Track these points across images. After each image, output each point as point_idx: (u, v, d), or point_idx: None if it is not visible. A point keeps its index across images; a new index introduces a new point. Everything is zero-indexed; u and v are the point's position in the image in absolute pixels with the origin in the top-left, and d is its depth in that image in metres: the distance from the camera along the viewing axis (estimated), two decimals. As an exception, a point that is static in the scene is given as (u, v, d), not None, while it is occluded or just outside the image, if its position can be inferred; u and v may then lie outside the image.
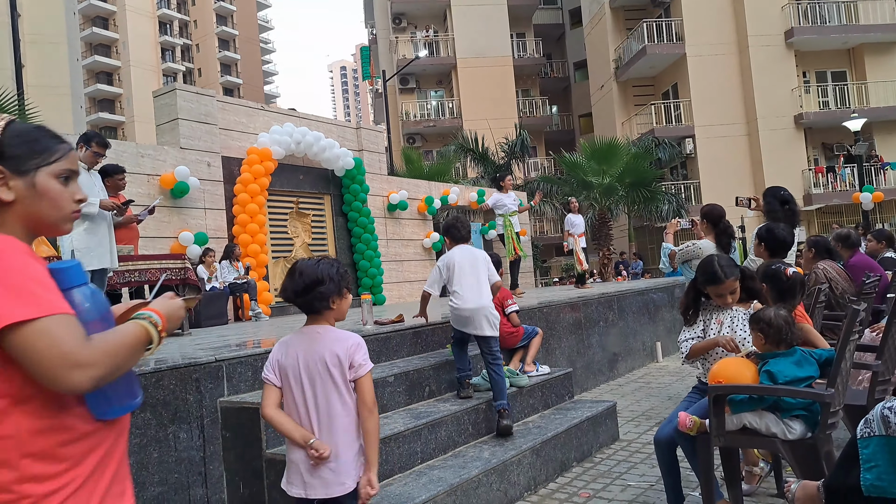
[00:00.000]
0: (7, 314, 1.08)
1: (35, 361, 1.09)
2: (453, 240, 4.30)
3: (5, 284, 1.10)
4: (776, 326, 2.72)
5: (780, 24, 21.52)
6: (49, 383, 1.10)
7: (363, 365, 2.15)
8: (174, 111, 8.22)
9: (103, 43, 51.73)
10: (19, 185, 1.24)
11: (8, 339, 1.09)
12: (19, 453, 1.12)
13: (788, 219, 4.67)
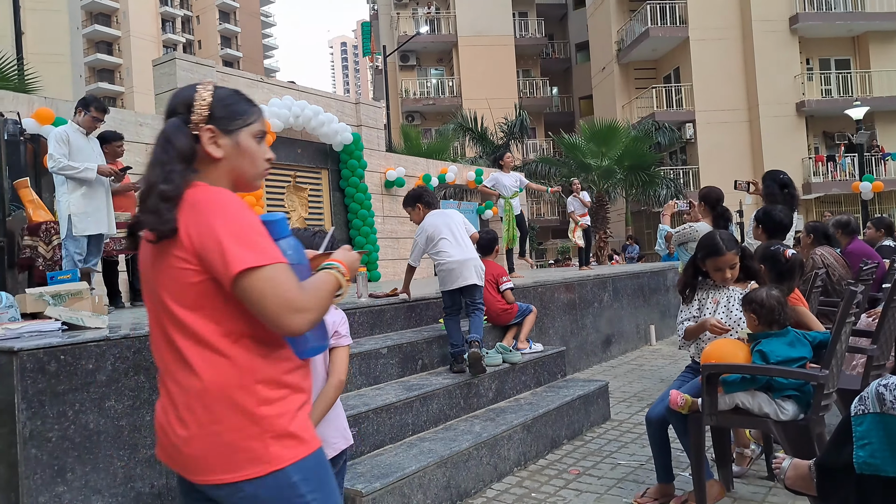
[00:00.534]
0: (240, 261, 1.21)
1: (262, 305, 1.22)
2: (426, 206, 4.35)
3: (236, 234, 1.24)
4: (768, 307, 2.73)
5: (784, 10, 21.32)
6: (272, 324, 1.25)
7: (344, 336, 2.18)
8: (173, 81, 8.11)
9: (104, 12, 51.00)
10: (227, 144, 1.38)
11: (239, 283, 1.22)
12: (254, 379, 1.30)
13: (787, 203, 4.66)
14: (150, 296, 1.38)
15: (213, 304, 1.28)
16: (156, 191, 1.27)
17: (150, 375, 2.83)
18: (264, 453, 1.29)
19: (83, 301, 3.36)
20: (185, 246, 1.26)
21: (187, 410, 1.30)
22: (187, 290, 1.28)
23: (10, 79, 8.34)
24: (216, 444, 1.28)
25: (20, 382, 2.42)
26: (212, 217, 1.25)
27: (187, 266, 1.27)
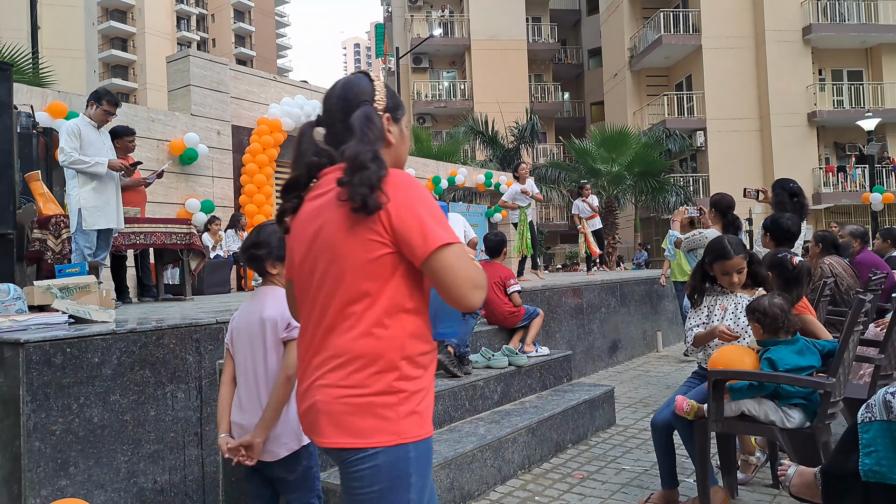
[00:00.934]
0: (438, 237, 1.32)
1: (449, 279, 1.32)
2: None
3: (432, 214, 1.35)
4: (772, 315, 2.71)
5: (798, 20, 21.22)
6: (454, 298, 1.34)
7: (296, 328, 2.02)
8: (186, 77, 8.17)
9: (119, 9, 51.41)
10: (395, 131, 1.50)
11: (434, 257, 1.31)
12: (399, 355, 1.36)
13: (797, 211, 4.63)
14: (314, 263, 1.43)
15: (384, 278, 1.36)
16: (370, 168, 1.33)
17: (156, 370, 2.84)
18: (395, 426, 1.35)
19: (91, 294, 3.38)
20: (382, 221, 1.34)
21: (334, 372, 1.37)
22: (367, 262, 1.35)
23: (25, 72, 8.42)
24: (354, 408, 1.35)
25: (25, 374, 2.43)
26: (413, 198, 1.36)
27: (377, 239, 1.34)
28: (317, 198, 1.46)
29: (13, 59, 8.41)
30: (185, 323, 3.01)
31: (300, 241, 1.48)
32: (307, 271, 1.46)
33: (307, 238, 1.46)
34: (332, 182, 1.40)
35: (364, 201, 1.31)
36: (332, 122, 1.50)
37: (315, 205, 1.45)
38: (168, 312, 3.99)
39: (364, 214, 1.33)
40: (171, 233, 5.66)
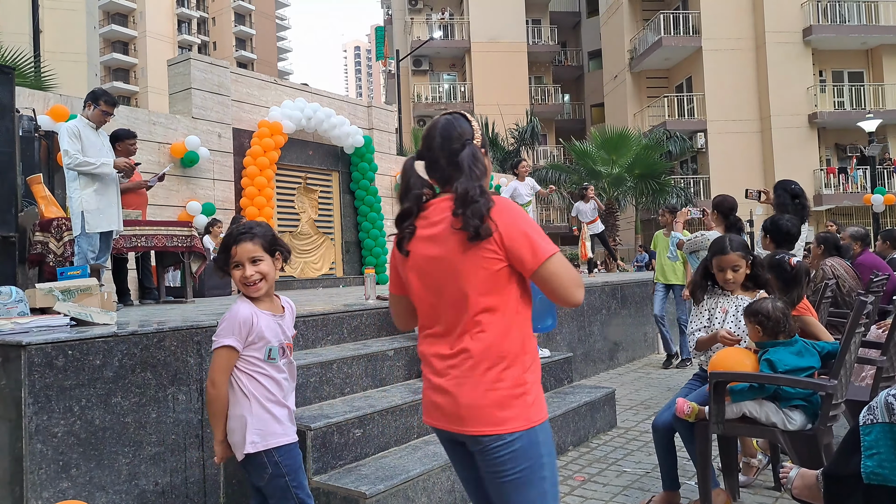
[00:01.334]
0: (546, 250, 1.58)
1: (557, 284, 1.58)
2: None
3: (536, 231, 1.60)
4: (774, 318, 2.70)
5: (798, 22, 21.24)
6: (562, 298, 1.60)
7: (213, 342, 2.14)
8: (187, 80, 8.19)
9: (121, 12, 51.55)
10: (487, 163, 1.76)
11: (545, 266, 1.57)
12: (522, 353, 1.62)
13: (798, 213, 4.63)
14: (435, 285, 1.66)
15: (504, 288, 1.61)
16: (479, 201, 1.59)
17: (157, 373, 2.84)
18: (525, 413, 1.58)
19: (92, 297, 3.39)
20: (496, 241, 1.58)
21: (471, 371, 1.59)
22: (488, 276, 1.59)
23: (27, 76, 8.44)
24: (492, 400, 1.57)
25: (27, 377, 2.43)
26: (517, 220, 1.61)
27: (494, 256, 1.59)
28: (431, 226, 1.67)
29: (15, 62, 8.43)
30: (186, 325, 3.02)
31: (420, 264, 1.69)
32: (431, 288, 1.68)
33: (428, 261, 1.67)
34: (443, 211, 1.64)
35: (477, 231, 1.56)
36: (435, 157, 1.71)
37: (431, 232, 1.66)
38: (169, 315, 4.00)
39: (478, 241, 1.57)
40: (173, 235, 5.66)
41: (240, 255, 2.12)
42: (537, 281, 1.60)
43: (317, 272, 9.82)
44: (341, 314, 4.10)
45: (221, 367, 2.12)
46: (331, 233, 10.21)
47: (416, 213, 1.70)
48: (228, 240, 2.15)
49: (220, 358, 2.12)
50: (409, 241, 1.70)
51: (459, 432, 1.62)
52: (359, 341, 4.15)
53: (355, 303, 4.65)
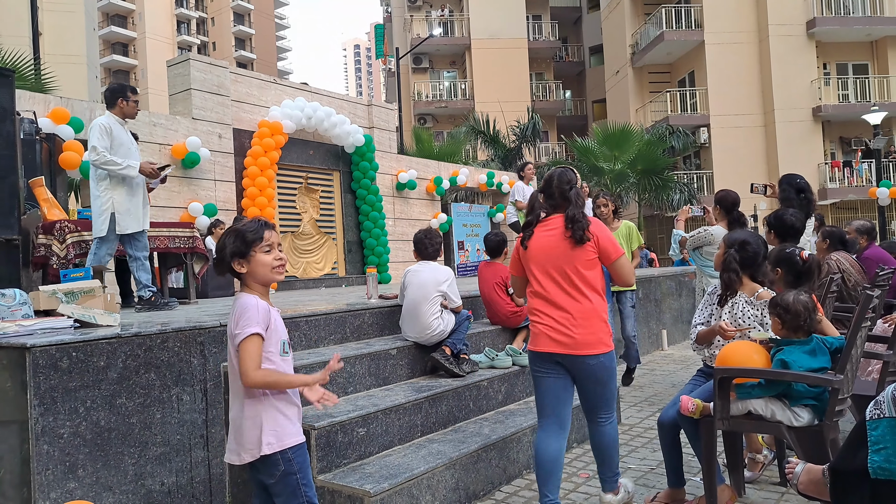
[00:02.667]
0: (619, 250, 2.83)
1: (623, 271, 2.85)
2: (419, 254, 4.35)
3: (611, 237, 2.84)
4: (794, 312, 2.66)
5: (801, 14, 21.14)
6: (623, 280, 2.89)
7: (238, 334, 2.05)
8: (187, 81, 8.18)
9: (120, 13, 51.56)
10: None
11: (618, 261, 2.82)
12: (603, 312, 2.80)
13: (803, 207, 4.61)
14: (552, 268, 2.80)
15: (594, 270, 2.79)
16: (581, 222, 2.77)
17: (161, 373, 2.85)
18: (608, 343, 2.78)
19: (95, 299, 3.39)
20: (593, 242, 2.77)
21: (580, 320, 2.73)
22: (587, 262, 2.76)
23: (27, 78, 8.44)
24: (593, 335, 2.73)
25: (33, 378, 2.44)
26: (603, 230, 2.82)
27: (591, 250, 2.77)
28: (547, 231, 2.85)
29: (15, 65, 8.43)
30: (189, 326, 3.02)
31: (540, 254, 2.83)
32: (551, 270, 2.80)
33: (547, 252, 2.82)
34: (557, 224, 2.83)
35: (581, 238, 2.74)
36: (552, 193, 2.88)
37: (547, 234, 2.84)
38: (172, 316, 4.00)
39: (581, 244, 2.75)
40: (175, 236, 5.67)
41: (273, 238, 2.14)
42: (610, 269, 2.84)
43: (319, 272, 9.82)
44: (343, 314, 4.10)
45: (254, 355, 2.04)
46: (332, 232, 10.20)
47: (536, 224, 2.89)
48: (253, 228, 2.12)
49: (252, 346, 2.04)
50: (529, 240, 2.88)
51: (574, 354, 2.71)
52: (361, 340, 4.15)
53: (357, 302, 4.65)
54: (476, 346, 4.54)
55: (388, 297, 4.85)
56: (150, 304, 4.67)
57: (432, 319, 4.03)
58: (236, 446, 2.12)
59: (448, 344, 4.05)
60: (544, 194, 2.90)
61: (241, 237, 2.10)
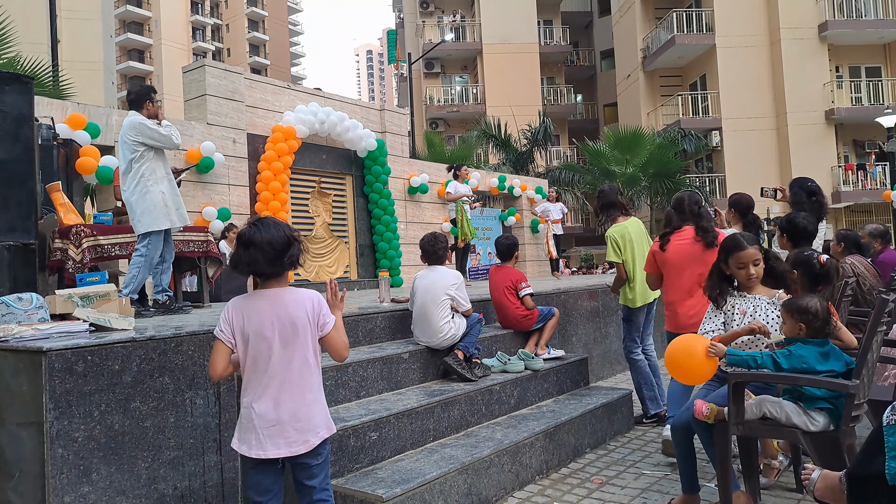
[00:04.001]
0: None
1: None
2: (426, 259, 4.35)
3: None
4: (823, 318, 2.62)
5: (813, 17, 20.99)
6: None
7: (328, 322, 2.25)
8: (202, 87, 8.26)
9: (136, 21, 52.16)
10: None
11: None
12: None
13: (815, 211, 4.57)
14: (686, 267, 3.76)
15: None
16: (711, 231, 3.78)
17: (175, 377, 2.87)
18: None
19: (111, 303, 3.42)
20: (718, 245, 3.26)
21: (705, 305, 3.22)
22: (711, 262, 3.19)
23: (45, 85, 8.56)
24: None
25: (48, 382, 2.46)
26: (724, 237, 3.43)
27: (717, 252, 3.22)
28: (681, 240, 3.82)
29: (34, 72, 8.55)
30: (202, 329, 3.04)
31: (676, 257, 3.80)
32: (685, 268, 3.74)
33: (682, 255, 3.78)
34: (688, 234, 3.81)
35: (712, 243, 3.64)
36: (683, 209, 3.83)
37: (681, 242, 3.82)
38: (186, 319, 4.03)
39: (710, 248, 3.59)
40: (189, 240, 5.71)
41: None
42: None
43: (331, 275, 9.85)
44: (356, 317, 4.11)
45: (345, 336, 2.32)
46: (345, 236, 10.24)
47: (673, 232, 3.84)
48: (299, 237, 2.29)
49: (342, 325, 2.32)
50: (667, 245, 3.83)
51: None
52: (374, 344, 4.16)
53: (370, 306, 4.66)
54: (488, 350, 4.54)
55: (399, 300, 4.85)
56: (164, 307, 4.71)
57: (443, 323, 4.03)
58: (298, 435, 2.19)
59: (460, 347, 4.05)
60: (676, 212, 3.89)
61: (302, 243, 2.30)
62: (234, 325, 2.24)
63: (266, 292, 2.25)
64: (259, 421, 2.19)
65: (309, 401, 2.22)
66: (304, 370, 2.21)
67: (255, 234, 2.18)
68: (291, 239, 2.20)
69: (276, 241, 2.17)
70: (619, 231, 4.54)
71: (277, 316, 2.20)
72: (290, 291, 2.25)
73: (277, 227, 2.21)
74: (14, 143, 4.36)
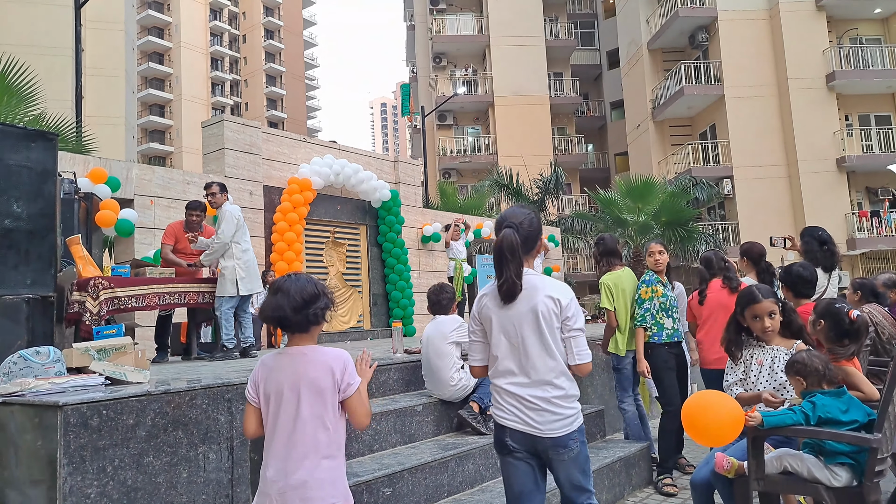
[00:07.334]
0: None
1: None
2: (430, 309, 4.38)
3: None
4: (812, 368, 2.63)
5: (821, 68, 21.29)
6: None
7: (351, 384, 2.13)
8: (221, 141, 8.49)
9: (158, 77, 54.01)
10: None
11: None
12: None
13: (827, 260, 4.56)
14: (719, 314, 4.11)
15: None
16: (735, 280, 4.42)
17: (189, 431, 2.86)
18: None
19: (126, 356, 3.45)
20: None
21: None
22: None
23: (69, 140, 8.83)
24: None
25: (63, 437, 2.47)
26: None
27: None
28: (712, 292, 4.43)
29: (58, 128, 8.84)
30: (217, 383, 3.05)
31: (711, 306, 4.40)
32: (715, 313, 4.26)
33: (713, 303, 4.37)
34: (717, 284, 4.43)
35: (736, 289, 4.08)
36: (712, 265, 4.56)
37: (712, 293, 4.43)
38: (201, 371, 4.04)
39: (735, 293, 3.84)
40: (203, 292, 5.78)
41: None
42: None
43: (345, 325, 9.86)
44: (369, 369, 4.10)
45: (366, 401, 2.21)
46: (358, 285, 10.29)
47: (707, 287, 4.45)
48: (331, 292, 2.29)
49: (366, 392, 2.21)
50: (705, 299, 4.43)
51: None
52: (387, 396, 4.13)
53: (383, 356, 4.65)
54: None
55: (412, 351, 4.84)
56: (227, 353, 5.64)
57: (452, 373, 4.00)
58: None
59: (475, 399, 4.01)
60: (706, 269, 4.55)
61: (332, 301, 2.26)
62: (258, 385, 2.18)
63: (291, 350, 2.18)
64: (270, 486, 2.11)
65: (324, 467, 2.10)
66: (321, 434, 2.11)
67: (285, 282, 2.19)
68: (321, 293, 2.16)
69: (305, 291, 2.15)
70: (612, 279, 4.58)
71: (298, 375, 2.12)
72: (315, 350, 2.18)
73: (309, 280, 2.20)
74: (37, 199, 4.49)
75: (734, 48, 21.79)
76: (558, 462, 2.29)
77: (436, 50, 28.49)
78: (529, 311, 2.26)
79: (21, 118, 8.57)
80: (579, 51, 30.82)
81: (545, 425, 2.25)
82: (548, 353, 2.26)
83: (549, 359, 2.27)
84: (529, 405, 2.26)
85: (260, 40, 60.91)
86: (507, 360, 2.31)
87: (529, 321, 2.27)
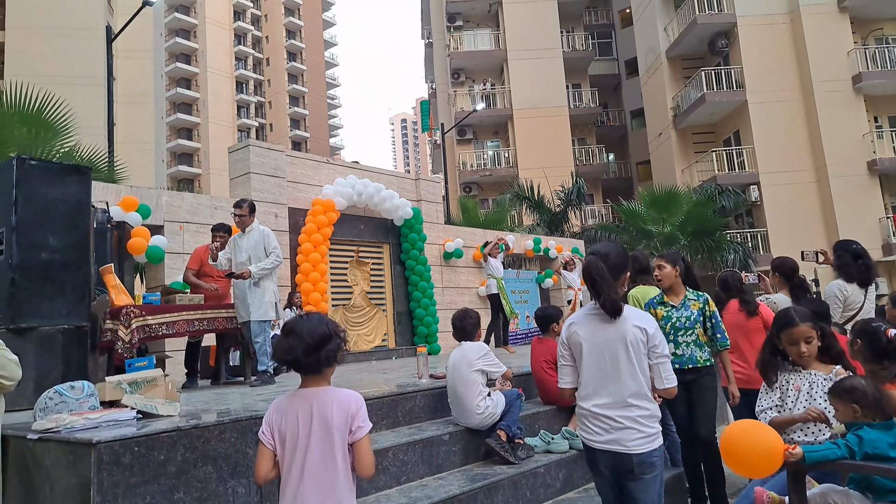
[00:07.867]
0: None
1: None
2: (455, 336, 4.31)
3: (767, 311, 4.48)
4: (872, 396, 2.49)
5: (846, 69, 20.90)
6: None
7: (362, 427, 2.10)
8: (247, 165, 8.62)
9: (186, 101, 55.26)
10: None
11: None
12: None
13: (862, 274, 4.45)
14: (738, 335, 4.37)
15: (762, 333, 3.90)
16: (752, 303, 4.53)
17: (218, 466, 2.88)
18: None
19: (157, 388, 3.49)
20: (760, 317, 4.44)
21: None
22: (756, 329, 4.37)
23: (101, 170, 9.02)
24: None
25: (96, 475, 2.50)
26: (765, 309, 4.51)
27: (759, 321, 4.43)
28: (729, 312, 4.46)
29: (91, 159, 9.05)
30: (245, 415, 3.06)
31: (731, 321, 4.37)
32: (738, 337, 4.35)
33: (730, 324, 4.21)
34: (734, 306, 4.51)
35: (753, 312, 4.44)
36: (728, 286, 4.61)
37: (729, 314, 4.45)
38: (229, 400, 4.07)
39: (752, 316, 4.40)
40: (231, 317, 5.83)
41: None
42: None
43: (369, 344, 9.88)
44: (395, 397, 4.09)
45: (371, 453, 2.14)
46: (383, 304, 10.31)
47: (724, 308, 4.48)
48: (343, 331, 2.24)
49: (368, 444, 2.13)
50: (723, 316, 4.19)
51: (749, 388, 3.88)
52: (413, 425, 4.11)
53: (408, 383, 4.64)
54: (530, 428, 4.43)
55: (437, 376, 4.82)
56: (266, 378, 5.59)
57: (478, 401, 3.96)
58: None
59: (503, 427, 3.96)
60: (723, 290, 4.62)
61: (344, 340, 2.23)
62: (273, 426, 2.16)
63: (304, 391, 2.17)
64: None
65: (334, 499, 2.07)
66: (335, 474, 2.08)
67: (297, 323, 2.18)
68: (333, 334, 2.15)
69: (316, 333, 2.13)
70: (641, 293, 4.48)
71: (311, 415, 2.10)
72: (329, 391, 2.15)
73: (321, 320, 2.19)
74: (72, 231, 4.60)
75: (755, 53, 21.51)
76: (640, 483, 2.44)
77: (454, 66, 28.66)
78: (619, 338, 2.50)
79: (56, 151, 8.78)
80: (597, 61, 30.74)
81: (631, 442, 2.43)
82: (634, 378, 2.48)
83: (635, 383, 2.48)
84: (617, 425, 2.46)
85: (283, 63, 61.97)
86: (596, 383, 2.52)
87: (620, 348, 2.49)
